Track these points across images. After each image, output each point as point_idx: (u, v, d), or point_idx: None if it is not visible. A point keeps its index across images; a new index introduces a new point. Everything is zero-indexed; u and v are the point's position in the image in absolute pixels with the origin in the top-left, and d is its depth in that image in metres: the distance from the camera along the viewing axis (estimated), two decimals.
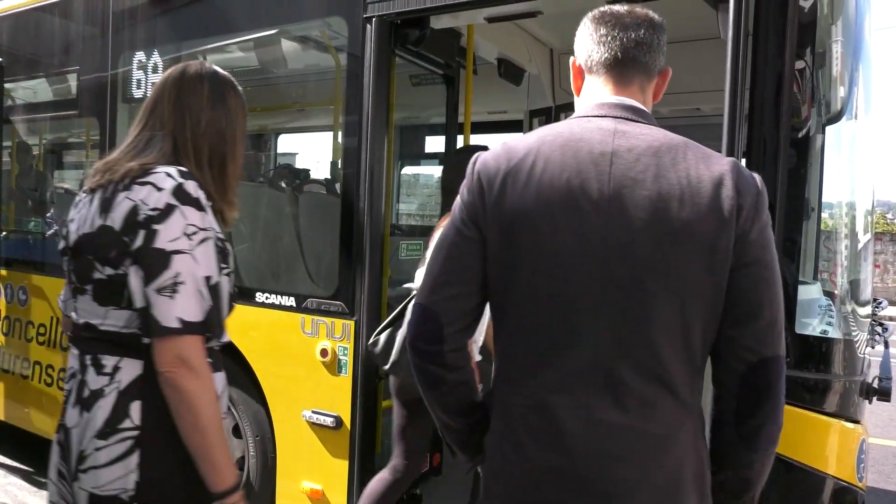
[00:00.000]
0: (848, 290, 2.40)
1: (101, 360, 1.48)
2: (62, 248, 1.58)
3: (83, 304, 1.52)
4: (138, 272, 1.42)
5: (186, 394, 1.41)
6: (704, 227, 1.22)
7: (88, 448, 1.46)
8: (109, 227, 1.45)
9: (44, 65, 4.27)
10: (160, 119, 1.55)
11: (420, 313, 1.38)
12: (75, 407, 1.50)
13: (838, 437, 2.16)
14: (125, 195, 1.45)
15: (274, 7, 3.23)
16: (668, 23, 4.02)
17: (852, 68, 2.35)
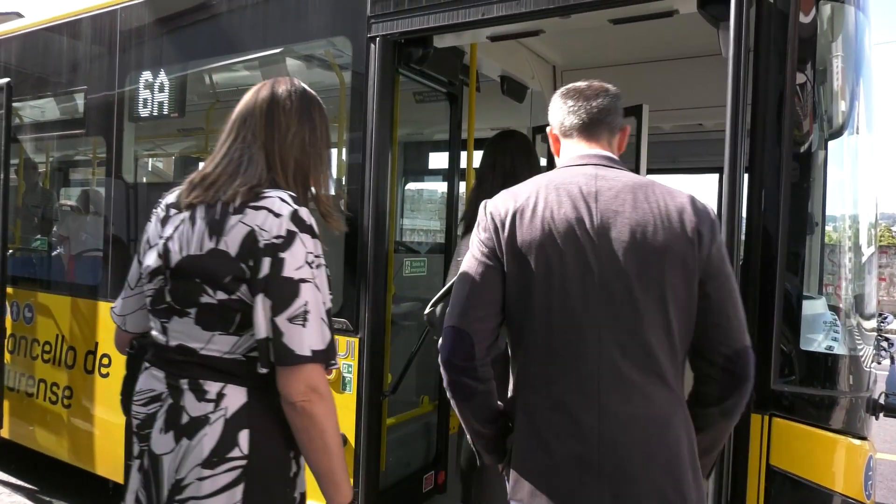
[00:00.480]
0: (853, 305, 2.40)
1: (202, 385, 1.45)
2: (155, 268, 1.52)
3: (180, 326, 1.48)
4: (266, 301, 1.39)
5: (318, 419, 1.42)
6: (676, 245, 1.54)
7: (189, 477, 1.41)
8: (223, 252, 1.42)
9: (52, 84, 4.31)
10: (251, 131, 1.54)
11: (453, 335, 1.62)
12: (167, 433, 1.44)
13: (845, 454, 2.14)
14: (238, 219, 1.42)
15: (279, 27, 3.27)
16: (670, 40, 4.05)
17: (853, 83, 2.36)
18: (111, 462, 3.82)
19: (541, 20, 2.64)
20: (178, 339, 1.49)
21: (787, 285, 2.16)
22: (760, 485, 2.17)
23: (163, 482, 1.43)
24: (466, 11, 2.66)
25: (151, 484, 1.46)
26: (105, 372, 3.83)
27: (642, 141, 3.77)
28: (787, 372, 2.16)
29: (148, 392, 1.52)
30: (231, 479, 1.41)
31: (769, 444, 2.15)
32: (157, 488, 1.44)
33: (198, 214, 1.48)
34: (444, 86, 3.50)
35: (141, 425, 1.51)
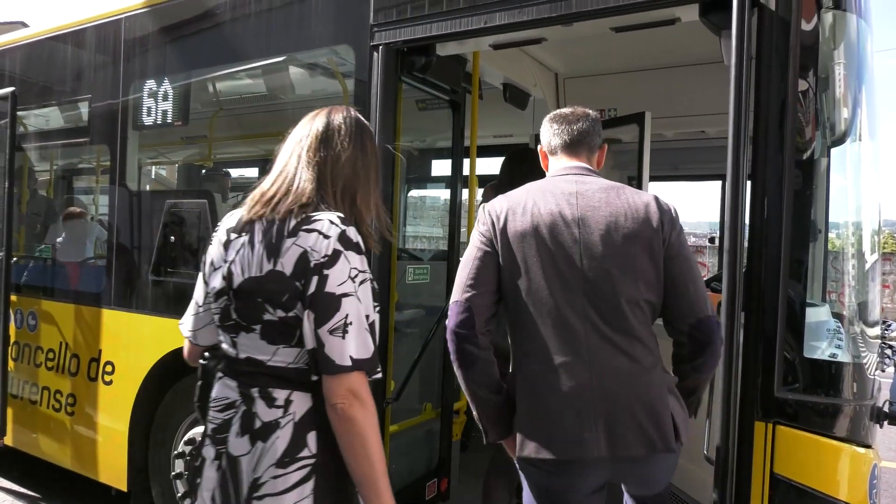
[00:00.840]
0: (857, 312, 2.39)
1: (271, 393, 1.58)
2: (220, 289, 1.64)
3: (248, 340, 1.60)
4: (310, 315, 1.52)
5: (357, 424, 1.51)
6: (644, 232, 1.93)
7: (265, 476, 1.54)
8: (280, 273, 1.54)
9: (56, 93, 4.34)
10: (307, 150, 1.67)
11: (457, 308, 1.97)
12: (243, 437, 1.58)
13: (850, 462, 2.13)
14: (293, 241, 1.55)
15: (282, 36, 3.28)
16: (672, 48, 4.07)
17: (855, 90, 2.36)
18: (114, 469, 3.82)
19: (543, 28, 2.65)
20: (246, 352, 1.62)
21: (790, 293, 2.16)
22: (764, 493, 2.16)
23: (241, 481, 1.57)
24: (469, 20, 2.67)
25: (229, 483, 1.59)
26: (108, 380, 3.83)
27: (645, 148, 3.77)
28: (791, 380, 2.16)
29: (223, 400, 1.66)
30: (301, 476, 1.54)
31: (773, 452, 2.15)
32: (236, 486, 1.58)
33: (256, 237, 1.61)
34: (447, 93, 3.51)
35: (217, 430, 1.65)
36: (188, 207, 3.61)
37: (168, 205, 3.67)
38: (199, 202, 3.59)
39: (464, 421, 3.80)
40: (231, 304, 1.62)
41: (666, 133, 4.48)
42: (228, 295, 1.62)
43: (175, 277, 3.60)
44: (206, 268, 1.73)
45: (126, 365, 3.76)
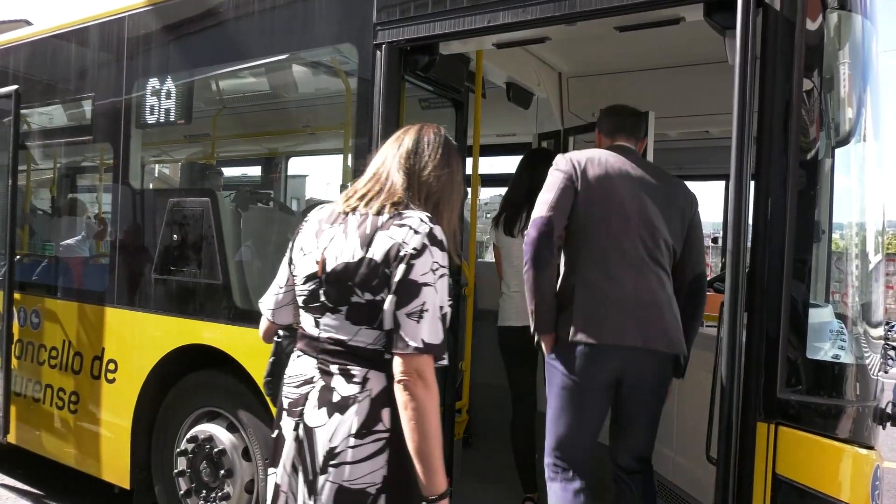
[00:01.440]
0: (860, 313, 2.38)
1: (350, 370, 1.73)
2: (310, 273, 1.81)
3: (331, 320, 1.77)
4: (393, 299, 1.67)
5: (419, 401, 1.64)
6: (680, 203, 2.67)
7: (342, 446, 1.68)
8: (371, 259, 1.70)
9: (59, 91, 4.34)
10: (399, 157, 1.83)
11: (541, 221, 2.55)
12: (320, 409, 1.73)
13: (852, 464, 2.12)
14: (386, 234, 1.71)
15: (285, 34, 3.28)
16: (676, 48, 4.06)
17: (860, 90, 2.35)
18: (116, 467, 3.82)
19: (547, 27, 2.65)
20: (329, 331, 1.77)
21: (793, 293, 2.15)
22: (766, 494, 2.16)
23: (317, 449, 1.71)
24: (472, 19, 2.67)
25: (306, 451, 1.74)
26: (111, 378, 3.84)
27: (648, 148, 3.76)
28: (794, 381, 2.15)
29: (301, 376, 1.81)
30: (377, 448, 1.69)
31: (775, 452, 2.15)
32: (312, 454, 1.73)
33: (349, 228, 1.78)
34: (450, 92, 3.51)
35: (293, 403, 1.80)
36: (191, 206, 3.61)
37: (171, 203, 3.67)
38: (202, 200, 3.59)
39: (466, 420, 3.80)
40: (321, 287, 1.77)
41: (670, 133, 4.47)
42: (320, 279, 1.78)
43: (178, 276, 3.61)
44: (295, 253, 1.90)
45: (129, 363, 3.77)
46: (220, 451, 3.38)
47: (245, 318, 3.34)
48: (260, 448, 3.28)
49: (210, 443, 3.42)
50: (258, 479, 3.30)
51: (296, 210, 4.46)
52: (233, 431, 3.41)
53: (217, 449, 3.39)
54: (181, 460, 3.52)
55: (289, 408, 1.81)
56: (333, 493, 1.68)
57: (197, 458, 3.46)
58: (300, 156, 6.21)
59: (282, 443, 1.82)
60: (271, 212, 4.65)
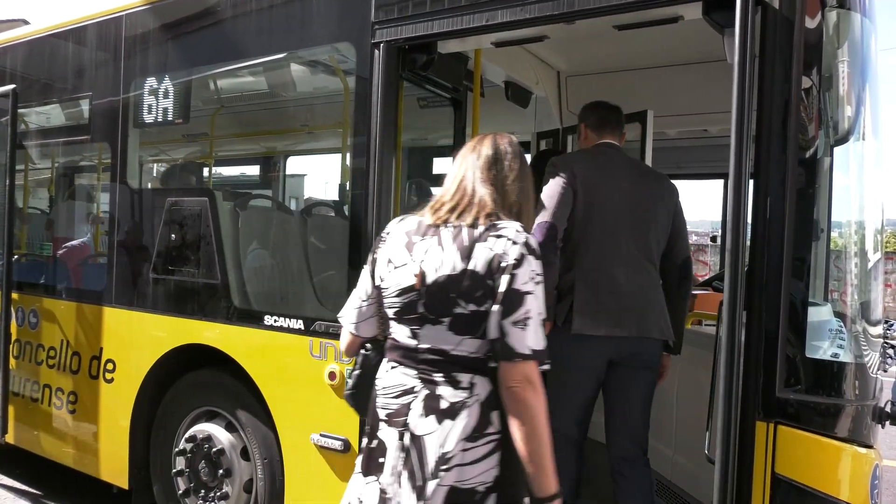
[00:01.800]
0: (859, 311, 2.38)
1: (455, 377, 1.78)
2: (407, 286, 1.82)
3: (432, 332, 1.80)
4: (500, 309, 1.72)
5: (529, 406, 1.70)
6: (666, 198, 2.93)
7: (455, 450, 1.73)
8: (473, 271, 1.75)
9: (57, 90, 4.33)
10: (480, 169, 1.89)
11: (545, 225, 2.70)
12: (428, 417, 1.76)
13: (851, 462, 2.12)
14: (485, 246, 1.76)
15: (283, 33, 3.27)
16: (675, 46, 4.05)
17: (859, 88, 2.35)
18: (115, 467, 3.82)
19: (545, 26, 2.64)
20: (429, 342, 1.80)
21: (792, 292, 2.15)
22: (765, 493, 2.16)
23: (427, 456, 1.74)
24: (471, 17, 2.67)
25: (413, 458, 1.77)
26: (109, 377, 3.83)
27: (647, 146, 3.76)
28: (793, 380, 2.15)
29: (398, 387, 1.84)
30: (489, 449, 1.75)
31: (774, 452, 2.14)
32: (421, 461, 1.75)
33: (444, 240, 1.81)
34: (449, 91, 3.50)
35: (394, 414, 1.83)
36: (189, 205, 3.61)
37: (169, 202, 3.66)
38: (200, 200, 3.58)
39: None
40: (420, 299, 1.80)
41: (668, 131, 4.46)
42: (418, 291, 1.80)
43: (176, 275, 3.60)
44: (381, 265, 1.92)
45: (127, 363, 3.76)
46: (218, 451, 3.37)
47: (243, 317, 3.33)
48: (258, 447, 3.28)
49: (209, 442, 3.41)
50: (256, 479, 3.30)
51: (294, 209, 4.46)
52: (231, 431, 3.41)
53: (216, 448, 3.38)
54: (180, 460, 3.51)
55: (388, 419, 1.84)
56: (445, 494, 1.73)
57: (195, 458, 3.46)
58: (298, 155, 6.22)
59: (380, 452, 1.84)
60: (267, 211, 4.64)
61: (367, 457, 1.90)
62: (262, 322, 3.23)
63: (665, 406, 3.54)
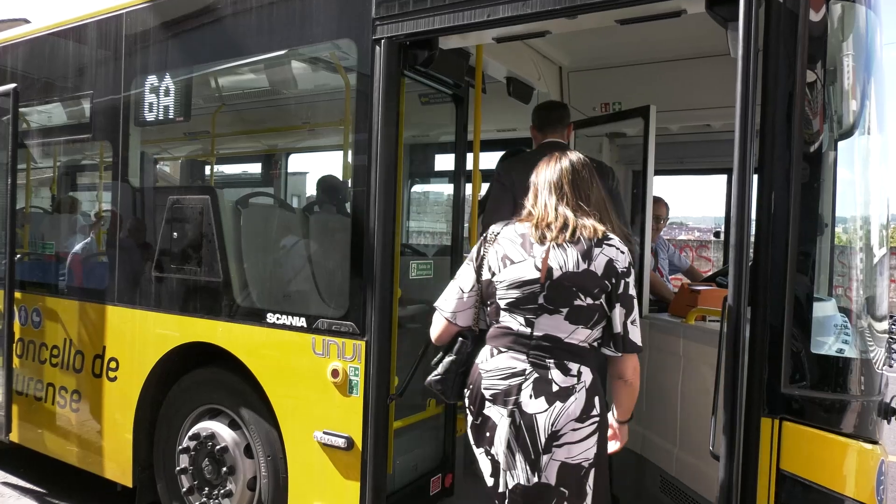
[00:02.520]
0: (864, 307, 2.37)
1: (566, 364, 2.07)
2: (531, 279, 2.09)
3: (549, 321, 2.08)
4: (621, 310, 2.09)
5: (635, 386, 2.18)
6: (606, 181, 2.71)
7: (565, 428, 2.02)
8: (594, 272, 2.06)
9: (58, 89, 4.33)
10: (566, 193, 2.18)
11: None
12: (538, 398, 2.04)
13: (856, 458, 2.11)
14: (601, 251, 2.08)
15: (284, 30, 3.26)
16: (678, 41, 4.03)
17: (864, 82, 2.33)
18: (119, 465, 3.82)
19: (547, 21, 2.63)
20: (544, 330, 2.08)
21: (797, 287, 2.14)
22: (771, 489, 2.16)
23: (539, 432, 2.02)
24: (472, 13, 2.65)
25: (525, 434, 2.04)
26: (113, 376, 3.83)
27: (650, 142, 3.75)
28: (798, 376, 2.14)
29: (507, 369, 2.10)
30: (591, 430, 2.06)
31: (779, 448, 2.13)
32: (533, 437, 2.03)
33: (565, 244, 2.09)
34: (450, 87, 3.49)
35: (503, 394, 2.09)
36: (191, 203, 3.60)
37: (171, 201, 3.66)
38: (202, 198, 3.58)
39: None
40: (542, 292, 2.07)
41: (671, 127, 4.44)
42: (542, 284, 2.07)
43: (179, 273, 3.60)
44: (489, 262, 2.17)
45: (130, 361, 3.76)
46: (222, 449, 3.37)
47: (246, 315, 3.33)
48: (262, 445, 3.28)
49: (212, 440, 3.41)
50: (260, 477, 3.30)
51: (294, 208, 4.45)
52: (234, 429, 3.41)
53: (219, 446, 3.38)
54: (183, 458, 3.52)
55: (493, 398, 2.10)
56: (557, 469, 2.03)
57: (199, 456, 3.46)
58: (300, 152, 6.21)
59: (487, 427, 2.11)
60: (269, 209, 4.63)
61: (476, 432, 2.17)
62: (265, 320, 3.22)
63: (669, 402, 3.53)
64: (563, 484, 2.02)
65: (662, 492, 3.58)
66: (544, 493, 2.03)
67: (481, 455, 2.16)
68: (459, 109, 3.61)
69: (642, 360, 2.41)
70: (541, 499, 2.04)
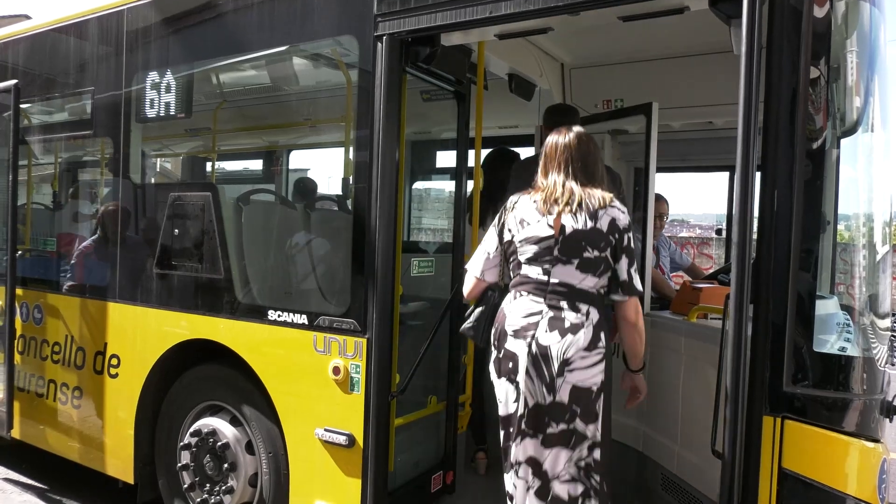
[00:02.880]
0: (866, 304, 2.36)
1: (577, 305, 2.44)
2: (546, 235, 2.47)
3: (563, 270, 2.46)
4: (625, 260, 2.48)
5: (640, 327, 2.57)
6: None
7: (575, 356, 2.39)
8: (599, 229, 2.44)
9: (59, 85, 4.32)
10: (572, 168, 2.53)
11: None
12: (552, 332, 2.42)
13: (858, 457, 2.11)
14: (605, 213, 2.46)
15: (285, 26, 3.26)
16: (680, 37, 4.01)
17: (868, 79, 2.32)
18: (120, 462, 3.83)
19: (549, 18, 2.62)
20: (559, 278, 2.46)
21: (799, 285, 2.13)
22: (772, 487, 2.15)
23: (552, 360, 2.40)
24: (474, 9, 2.65)
25: (541, 362, 2.41)
26: (114, 373, 3.84)
27: (652, 139, 3.74)
28: (800, 374, 2.13)
29: (527, 310, 2.48)
30: (598, 359, 2.42)
31: (781, 446, 2.13)
32: (548, 364, 2.40)
33: (574, 208, 2.46)
34: (452, 84, 3.48)
35: (522, 329, 2.47)
36: (192, 199, 3.60)
37: (172, 197, 3.65)
38: (204, 194, 3.57)
39: (469, 413, 3.79)
40: (556, 245, 2.46)
41: (673, 124, 4.43)
42: (556, 238, 2.46)
43: (180, 270, 3.59)
44: (514, 225, 2.54)
45: (131, 358, 3.77)
46: (223, 445, 3.38)
47: (247, 312, 3.33)
48: (263, 442, 3.28)
49: (213, 437, 3.41)
50: (261, 473, 3.30)
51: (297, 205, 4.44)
52: (236, 425, 3.41)
53: (220, 443, 3.38)
54: (185, 454, 3.52)
55: (514, 333, 2.47)
56: (570, 390, 2.39)
57: (200, 452, 3.46)
58: (301, 149, 6.20)
59: (509, 359, 2.48)
60: (271, 205, 4.63)
61: (498, 364, 2.53)
62: (266, 317, 3.22)
63: (671, 400, 3.52)
64: (575, 402, 2.39)
65: (664, 489, 3.58)
66: (558, 410, 2.40)
67: (503, 383, 2.51)
68: (461, 106, 3.61)
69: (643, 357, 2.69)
70: (556, 414, 2.40)
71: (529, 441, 2.44)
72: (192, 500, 3.52)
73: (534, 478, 2.44)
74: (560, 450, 2.41)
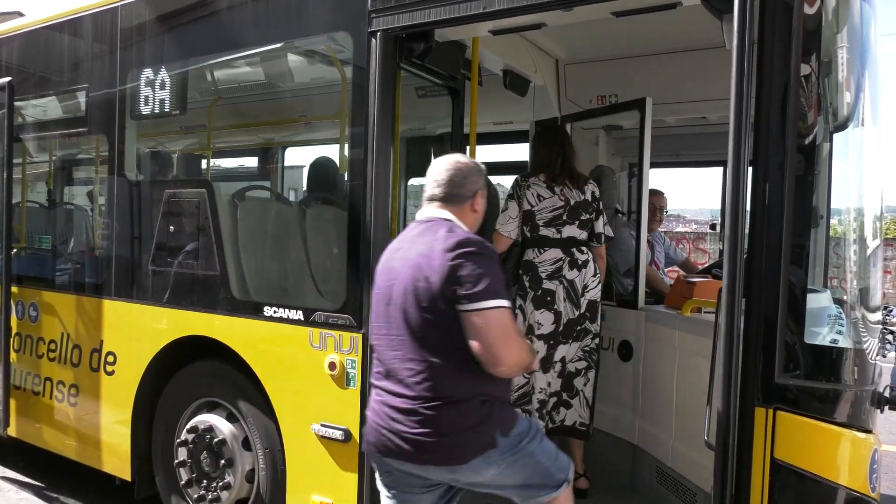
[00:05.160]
0: (858, 297, 2.38)
1: (582, 249, 3.58)
2: (559, 205, 3.55)
3: (569, 228, 3.55)
4: (602, 219, 3.65)
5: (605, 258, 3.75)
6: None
7: (590, 283, 3.56)
8: (586, 199, 3.60)
9: (53, 82, 4.31)
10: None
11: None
12: (572, 270, 3.54)
13: (850, 447, 2.13)
14: (587, 187, 3.64)
15: (279, 23, 3.26)
16: (673, 33, 4.02)
17: (859, 74, 2.34)
18: (117, 459, 3.83)
19: (543, 13, 2.63)
20: (568, 233, 3.55)
21: (791, 279, 2.15)
22: (765, 478, 2.17)
23: (577, 287, 3.53)
24: (468, 5, 2.65)
25: (570, 290, 3.52)
26: (110, 370, 3.84)
27: (646, 134, 3.75)
28: (792, 366, 2.15)
29: (551, 259, 3.54)
30: (598, 280, 3.60)
31: (774, 437, 2.15)
32: (574, 290, 3.53)
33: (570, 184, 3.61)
34: (446, 80, 3.49)
35: (550, 273, 3.52)
36: (187, 197, 3.60)
37: (167, 194, 3.65)
38: (199, 192, 3.58)
39: None
40: (564, 212, 3.54)
41: (667, 119, 4.45)
42: (565, 208, 3.54)
43: (175, 267, 3.60)
44: (528, 198, 3.56)
45: (127, 355, 3.77)
46: (220, 441, 3.39)
47: (243, 308, 3.34)
48: (259, 438, 3.29)
49: (210, 433, 3.42)
50: (258, 469, 3.31)
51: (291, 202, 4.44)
52: (232, 421, 3.42)
53: (217, 439, 3.39)
54: (181, 451, 3.53)
55: (549, 276, 3.52)
56: (586, 304, 3.55)
57: (197, 449, 3.47)
58: (296, 145, 6.20)
59: (546, 294, 3.51)
60: (266, 202, 4.63)
61: (537, 300, 3.52)
62: (262, 313, 3.23)
63: (664, 393, 3.55)
64: (588, 311, 3.56)
65: (658, 482, 3.61)
66: (580, 319, 3.55)
67: (543, 313, 3.51)
68: (456, 102, 3.61)
69: (638, 352, 3.36)
70: (580, 322, 3.55)
71: (562, 346, 3.56)
72: (190, 496, 3.53)
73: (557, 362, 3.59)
74: (575, 342, 3.57)
